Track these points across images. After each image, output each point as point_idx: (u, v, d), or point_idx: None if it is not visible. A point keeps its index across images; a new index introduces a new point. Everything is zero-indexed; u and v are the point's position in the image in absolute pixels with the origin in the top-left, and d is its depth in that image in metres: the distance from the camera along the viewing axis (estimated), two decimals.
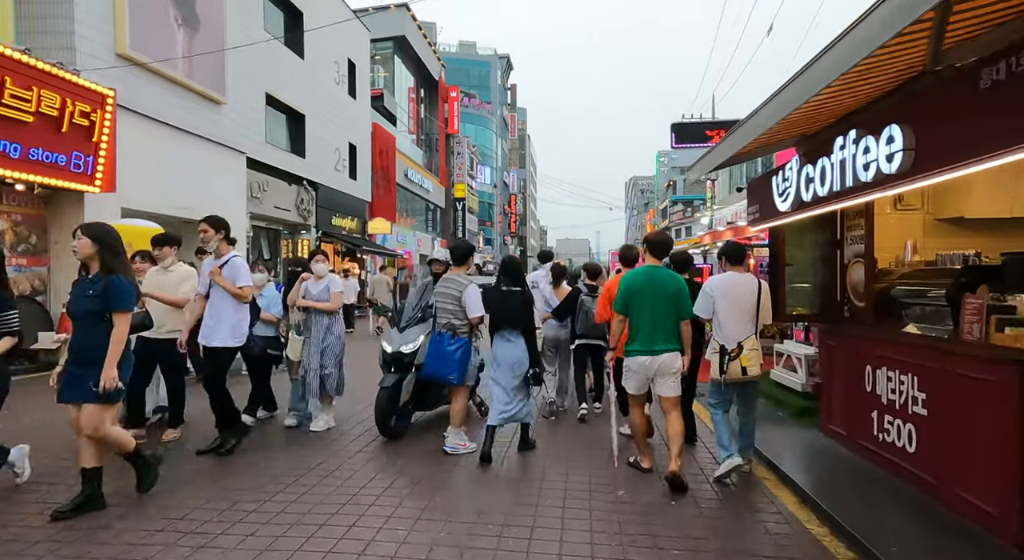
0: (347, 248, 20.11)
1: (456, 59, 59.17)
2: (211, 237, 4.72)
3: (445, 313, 4.73)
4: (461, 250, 4.98)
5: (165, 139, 11.26)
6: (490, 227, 54.10)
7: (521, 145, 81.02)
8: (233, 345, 4.67)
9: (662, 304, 4.03)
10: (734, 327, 4.14)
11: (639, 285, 4.09)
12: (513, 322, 4.68)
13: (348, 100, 20.39)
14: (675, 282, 4.14)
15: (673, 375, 4.05)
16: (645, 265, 4.25)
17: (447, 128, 37.20)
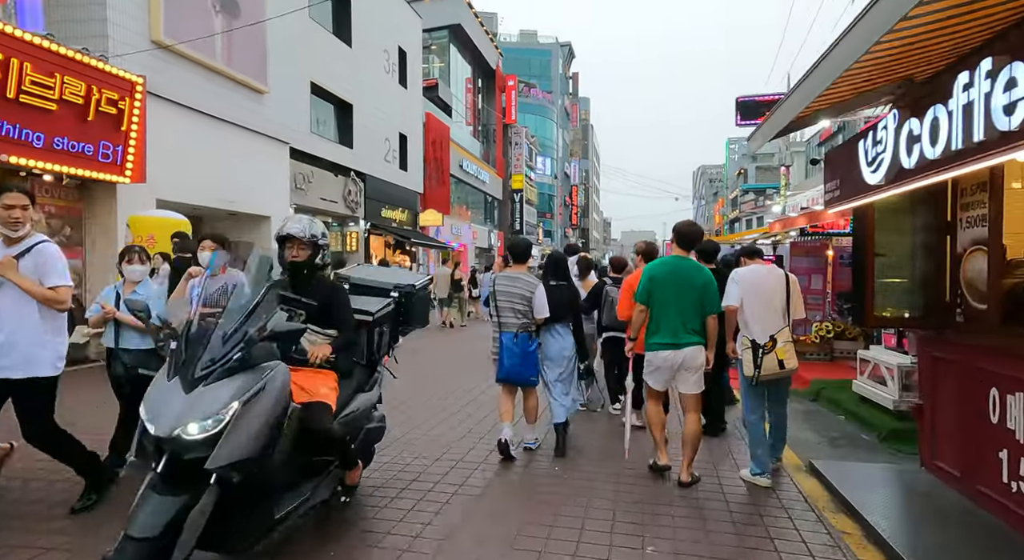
0: (397, 240, 19.79)
1: (516, 49, 58.34)
2: (21, 216, 3.19)
3: (515, 313, 4.55)
4: (522, 248, 4.79)
5: (203, 129, 11.08)
6: (550, 219, 53.10)
7: (584, 135, 79.33)
8: (51, 374, 3.28)
9: (687, 296, 3.91)
10: (765, 320, 4.00)
11: (663, 276, 3.96)
12: (563, 316, 4.72)
13: (398, 89, 20.00)
14: (702, 274, 3.98)
15: (696, 370, 3.93)
16: (670, 255, 4.12)
17: (504, 118, 36.48)
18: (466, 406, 6.32)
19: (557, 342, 4.73)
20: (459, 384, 7.42)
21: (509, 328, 4.54)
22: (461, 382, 7.53)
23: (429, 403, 6.38)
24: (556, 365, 4.73)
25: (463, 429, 5.41)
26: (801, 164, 39.14)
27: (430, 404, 6.35)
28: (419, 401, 6.43)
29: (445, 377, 7.96)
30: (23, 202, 3.21)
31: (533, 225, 44.64)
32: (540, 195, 48.90)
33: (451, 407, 6.25)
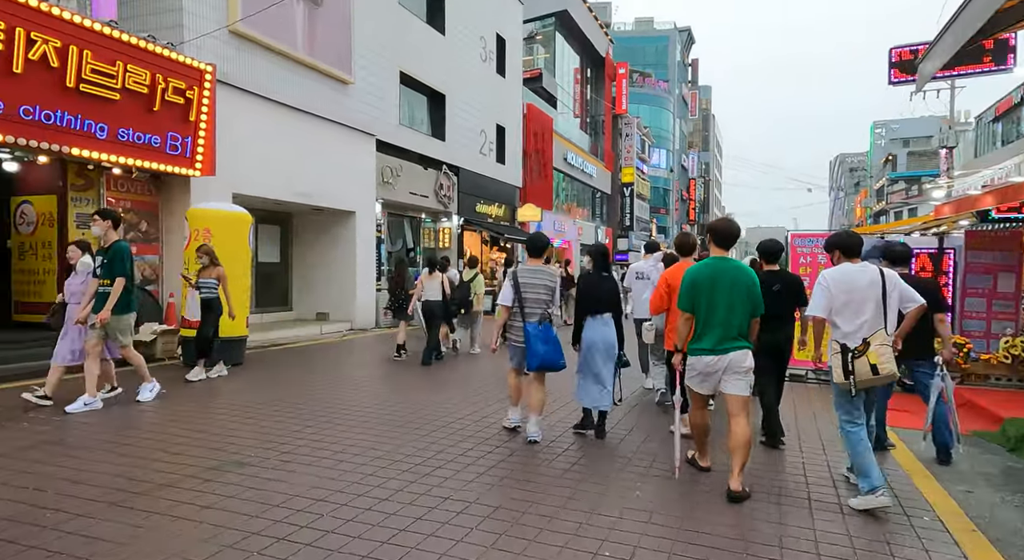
0: (492, 237, 18.94)
1: (630, 38, 55.84)
2: None
3: (539, 303, 4.75)
4: (539, 244, 5.01)
5: (284, 121, 10.78)
6: (665, 214, 50.14)
7: (704, 125, 74.68)
8: None
9: (733, 299, 3.74)
10: (857, 323, 3.69)
11: (705, 279, 3.80)
12: (609, 305, 4.88)
13: (496, 79, 19.13)
14: (746, 275, 3.82)
15: (744, 373, 3.75)
16: (711, 257, 3.93)
17: (614, 108, 34.59)
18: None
19: (605, 331, 4.82)
20: None
21: (533, 318, 4.72)
22: None
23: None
24: (601, 353, 4.81)
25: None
26: (967, 145, 33.32)
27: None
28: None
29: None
30: None
31: (645, 221, 42.22)
32: (653, 190, 46.22)
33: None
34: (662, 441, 4.83)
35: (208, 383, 6.77)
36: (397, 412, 5.56)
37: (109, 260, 5.34)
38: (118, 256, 5.35)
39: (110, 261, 5.34)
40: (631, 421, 5.50)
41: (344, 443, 4.56)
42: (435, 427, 5.08)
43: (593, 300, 4.87)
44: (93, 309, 5.31)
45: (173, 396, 6.04)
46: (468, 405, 5.90)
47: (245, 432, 4.79)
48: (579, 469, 4.15)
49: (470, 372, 7.88)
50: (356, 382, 7.02)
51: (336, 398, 6.09)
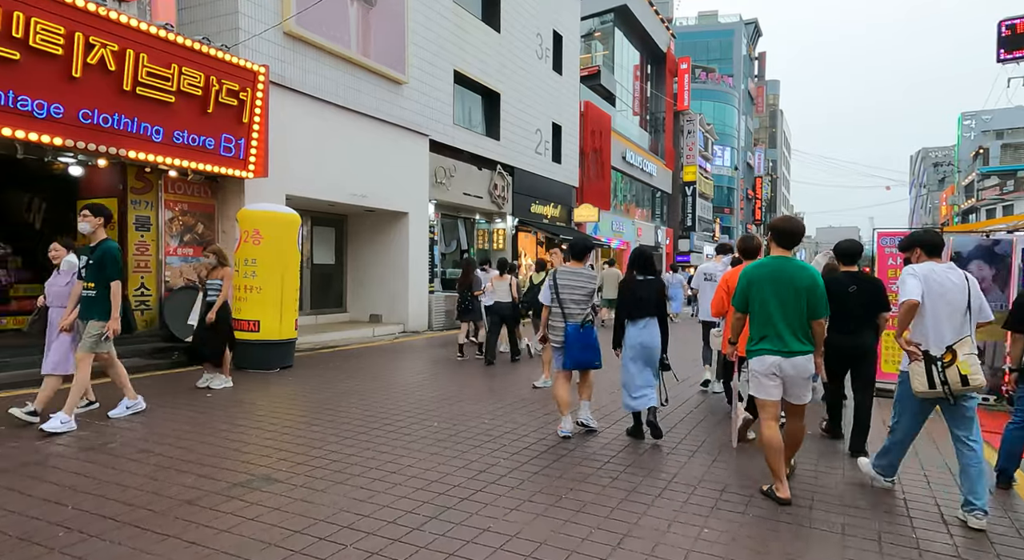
0: (547, 238, 18.49)
1: (693, 32, 54.12)
2: None
3: (578, 305, 4.86)
4: (579, 246, 5.12)
5: (337, 121, 10.73)
6: (729, 214, 48.19)
7: (771, 122, 71.63)
8: None
9: (791, 300, 3.56)
10: (943, 328, 3.43)
11: (762, 278, 3.63)
12: (650, 310, 4.82)
13: (552, 76, 18.68)
14: (807, 275, 3.59)
15: (806, 380, 3.61)
16: (770, 256, 3.74)
17: (676, 104, 33.44)
18: None
19: (642, 334, 4.79)
20: None
21: (574, 319, 4.83)
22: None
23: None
24: (638, 361, 4.80)
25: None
26: None
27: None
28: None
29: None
30: None
31: (708, 221, 40.66)
32: (717, 189, 44.49)
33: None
34: (723, 446, 4.76)
35: (249, 389, 6.66)
36: (442, 422, 5.22)
37: (97, 262, 4.79)
38: (109, 258, 4.80)
39: (98, 263, 4.79)
40: (689, 426, 5.20)
41: (382, 458, 4.25)
42: (481, 441, 4.70)
43: (632, 304, 4.83)
44: (79, 315, 4.85)
45: (218, 403, 5.93)
46: (520, 414, 5.50)
47: (281, 443, 4.56)
48: (629, 477, 4.04)
49: (531, 377, 7.48)
50: (403, 388, 6.75)
51: (379, 406, 5.82)
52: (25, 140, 6.26)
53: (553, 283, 4.88)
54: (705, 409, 6.05)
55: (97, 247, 4.84)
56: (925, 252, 3.64)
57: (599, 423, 5.28)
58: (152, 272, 8.49)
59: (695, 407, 6.13)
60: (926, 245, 3.65)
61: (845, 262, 4.83)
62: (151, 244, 8.47)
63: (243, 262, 7.56)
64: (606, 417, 5.55)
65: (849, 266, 4.81)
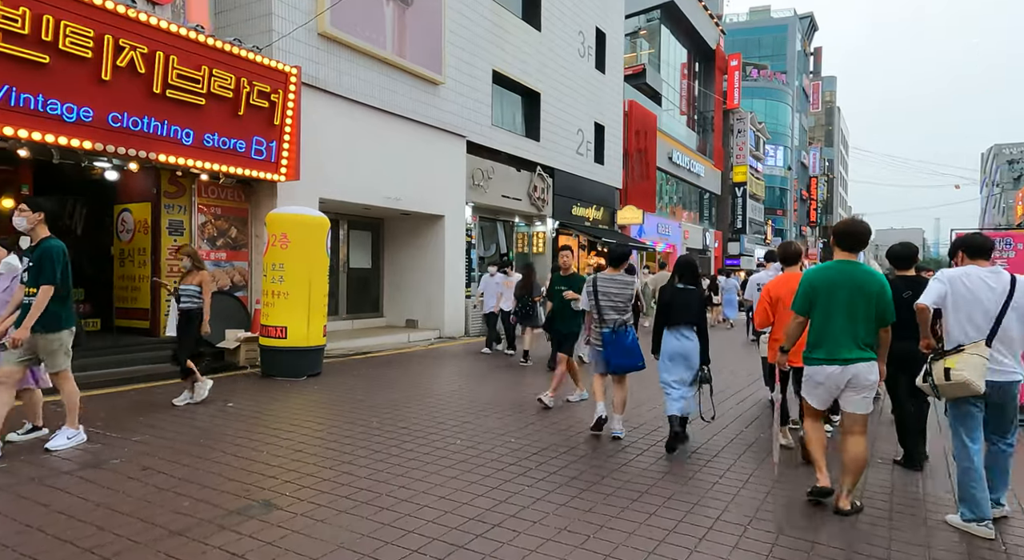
0: (589, 241, 17.95)
1: (744, 29, 52.39)
2: None
3: (615, 311, 4.99)
4: (617, 254, 5.24)
5: (371, 123, 10.55)
6: (782, 216, 46.29)
7: (827, 120, 68.74)
8: None
9: (857, 305, 3.45)
10: (967, 330, 3.39)
11: (826, 282, 3.53)
12: (688, 319, 4.78)
13: (595, 75, 18.15)
14: (875, 281, 3.48)
15: (868, 389, 3.47)
16: (834, 260, 3.62)
17: (725, 103, 32.27)
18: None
19: (680, 343, 4.78)
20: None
21: (611, 323, 4.95)
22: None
23: None
24: (679, 365, 4.80)
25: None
26: None
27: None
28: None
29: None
30: None
31: (759, 223, 39.12)
32: (769, 189, 42.78)
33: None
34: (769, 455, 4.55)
35: (274, 398, 6.44)
36: (466, 440, 4.84)
37: (36, 263, 4.19)
38: (47, 258, 4.16)
39: (37, 264, 4.18)
40: (739, 431, 4.79)
41: (395, 482, 3.89)
42: (504, 463, 4.29)
43: (671, 312, 4.83)
44: (15, 322, 4.21)
45: (237, 413, 5.72)
46: (549, 432, 5.06)
47: (291, 462, 4.27)
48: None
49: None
50: (428, 400, 6.41)
51: (401, 419, 5.49)
52: (55, 144, 6.24)
53: (592, 289, 5.06)
54: (761, 426, 5.53)
55: (36, 247, 4.25)
56: (968, 255, 3.60)
57: (641, 444, 4.93)
58: None
59: (747, 425, 5.60)
60: (968, 248, 3.62)
61: (898, 266, 4.63)
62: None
63: (271, 267, 7.40)
64: (647, 436, 5.05)
65: (904, 270, 4.60)
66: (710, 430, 5.31)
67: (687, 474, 4.20)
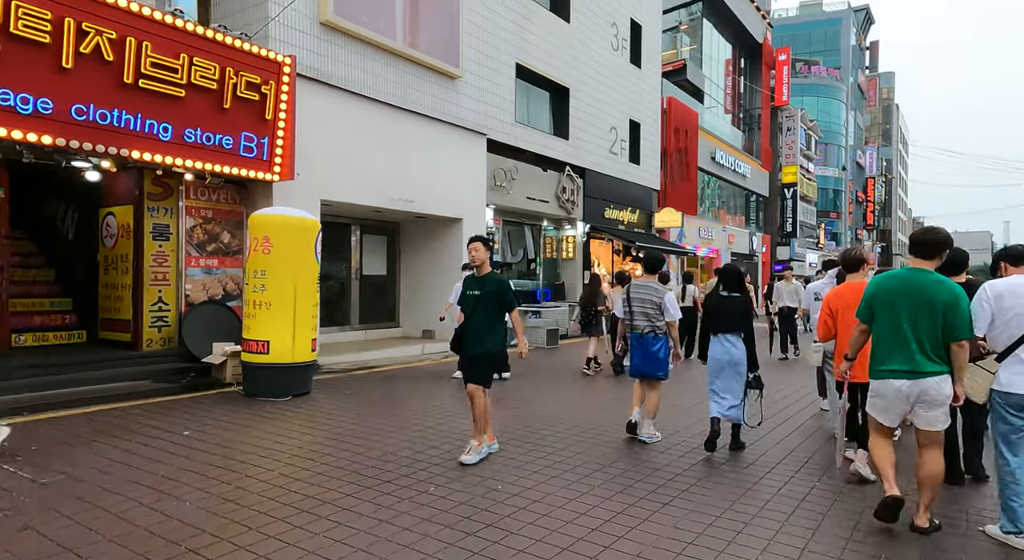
0: (625, 246, 16.81)
1: (794, 24, 50.11)
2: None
3: (645, 317, 5.08)
4: (652, 260, 5.31)
5: (380, 119, 9.81)
6: (836, 219, 43.76)
7: (885, 118, 65.16)
8: None
9: (925, 316, 3.24)
10: (1004, 340, 3.32)
11: (890, 290, 3.37)
12: (732, 326, 4.84)
13: (630, 69, 17.06)
14: (944, 290, 3.23)
15: (940, 405, 3.25)
16: (904, 267, 3.48)
17: (774, 100, 30.49)
18: None
19: (726, 350, 4.84)
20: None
21: (639, 329, 5.11)
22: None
23: None
24: (724, 373, 4.83)
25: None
26: None
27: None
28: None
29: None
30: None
31: (811, 226, 36.93)
32: (821, 191, 40.46)
33: None
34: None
35: (244, 424, 5.66)
36: (442, 488, 3.90)
37: None
38: None
39: None
40: (795, 466, 4.61)
41: (338, 551, 2.99)
42: (482, 523, 3.33)
43: (714, 320, 4.94)
44: None
45: (190, 445, 4.95)
46: (555, 484, 4.07)
47: (224, 516, 3.42)
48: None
49: (587, 416, 6.01)
50: (416, 429, 5.50)
51: (375, 456, 4.60)
52: (8, 138, 5.66)
53: (627, 296, 5.21)
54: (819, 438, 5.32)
55: None
56: (1010, 264, 3.59)
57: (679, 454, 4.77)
58: (171, 285, 7.84)
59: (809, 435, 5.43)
60: (1009, 257, 3.62)
61: (948, 273, 4.25)
62: (171, 254, 7.82)
63: (252, 274, 6.66)
64: (685, 455, 4.02)
65: (955, 276, 4.24)
66: (767, 441, 5.23)
67: (745, 483, 4.17)
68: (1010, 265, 3.59)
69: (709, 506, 3.67)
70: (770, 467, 4.51)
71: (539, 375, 8.61)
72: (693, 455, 4.73)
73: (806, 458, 4.75)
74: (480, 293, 4.59)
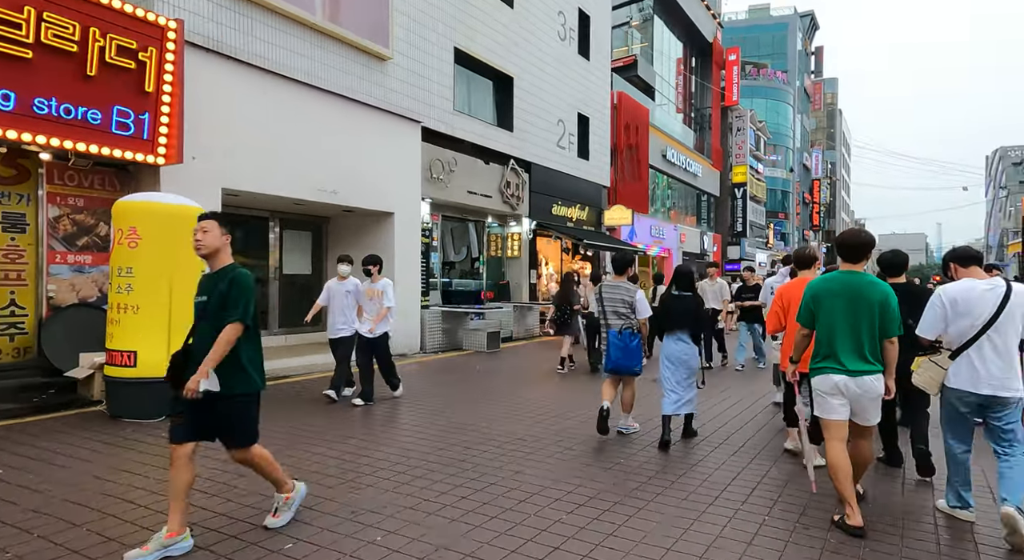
0: (573, 244, 16.13)
1: (743, 27, 50.87)
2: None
3: (618, 315, 5.25)
4: (621, 262, 5.48)
5: (298, 100, 8.77)
6: (784, 219, 44.51)
7: (829, 122, 67.10)
8: None
9: (861, 316, 3.38)
10: (956, 342, 3.49)
11: (828, 292, 3.50)
12: (684, 324, 5.13)
13: (578, 61, 16.41)
14: (878, 291, 3.39)
15: (874, 401, 3.42)
16: (838, 270, 3.57)
17: (724, 99, 30.55)
18: None
19: (678, 347, 5.12)
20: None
21: (614, 326, 5.24)
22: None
23: None
24: (675, 367, 5.12)
25: None
26: None
27: None
28: None
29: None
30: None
31: (761, 226, 37.33)
32: (770, 192, 41.04)
33: None
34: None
35: (84, 457, 4.60)
36: (303, 545, 3.00)
37: None
38: None
39: None
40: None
41: None
42: None
43: (668, 319, 5.17)
44: None
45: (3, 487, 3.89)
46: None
47: None
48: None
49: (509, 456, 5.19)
50: (306, 461, 4.56)
51: (227, 500, 3.65)
52: None
53: (599, 297, 5.38)
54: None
55: None
56: (960, 264, 3.63)
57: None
58: (29, 285, 6.63)
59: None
60: (958, 259, 3.67)
61: (889, 274, 4.64)
62: (27, 249, 6.61)
63: (116, 272, 5.58)
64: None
65: (895, 278, 4.59)
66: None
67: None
68: (960, 267, 3.66)
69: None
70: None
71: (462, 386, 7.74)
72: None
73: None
74: (208, 299, 3.06)
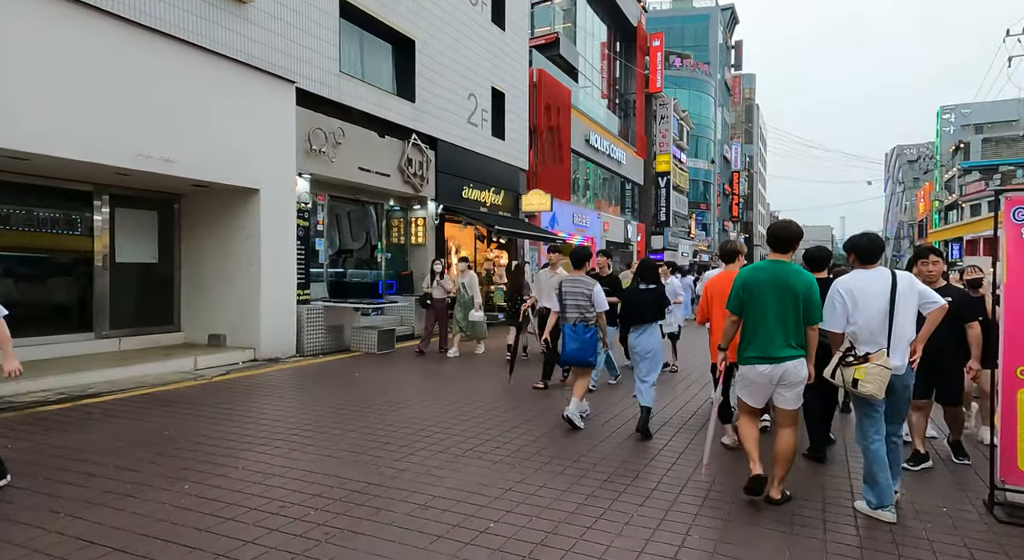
0: (488, 231, 14.80)
1: (667, 17, 51.06)
2: None
3: (577, 308, 5.42)
4: (579, 257, 5.69)
5: (122, 43, 6.90)
6: (706, 210, 45.18)
7: (747, 117, 69.19)
8: None
9: (787, 305, 3.55)
10: (872, 332, 3.51)
11: (758, 282, 3.63)
12: (648, 316, 5.40)
13: (493, 30, 15.01)
14: (803, 280, 3.59)
15: (797, 385, 3.61)
16: (765, 260, 3.80)
17: (648, 86, 30.08)
18: None
19: (646, 339, 5.40)
20: None
21: (570, 320, 5.44)
22: None
23: None
24: (644, 359, 5.39)
25: None
26: None
27: None
28: None
29: None
30: None
31: (683, 216, 37.48)
32: (693, 182, 41.41)
33: None
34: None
35: None
36: None
37: None
38: None
39: None
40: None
41: None
42: None
43: (634, 312, 5.46)
44: None
45: None
46: None
47: None
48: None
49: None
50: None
51: None
52: None
53: (559, 291, 5.52)
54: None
55: None
56: (858, 258, 3.66)
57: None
58: None
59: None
60: (858, 252, 3.67)
61: (813, 268, 4.75)
62: None
63: None
64: None
65: (819, 272, 4.69)
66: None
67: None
68: (857, 260, 3.69)
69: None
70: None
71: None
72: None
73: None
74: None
